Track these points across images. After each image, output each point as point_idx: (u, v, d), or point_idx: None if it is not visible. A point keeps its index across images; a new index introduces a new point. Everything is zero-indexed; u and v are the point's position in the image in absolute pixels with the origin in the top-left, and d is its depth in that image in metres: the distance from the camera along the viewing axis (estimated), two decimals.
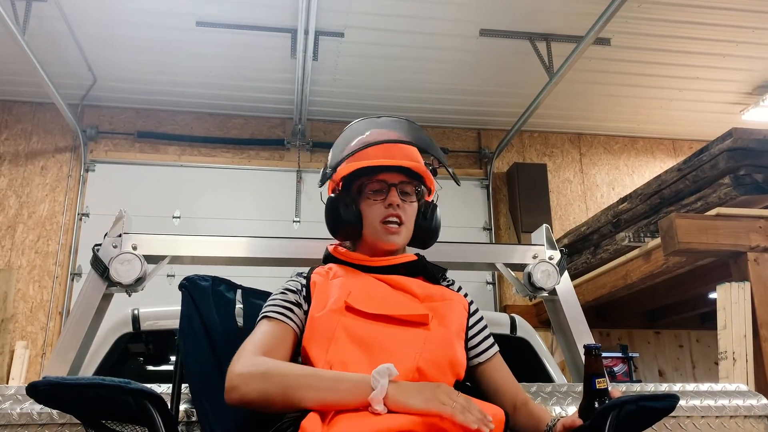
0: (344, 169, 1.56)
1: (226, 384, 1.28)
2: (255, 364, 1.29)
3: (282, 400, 1.24)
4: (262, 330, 1.40)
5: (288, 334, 1.40)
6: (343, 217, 1.54)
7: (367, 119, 1.66)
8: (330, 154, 1.63)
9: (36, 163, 5.63)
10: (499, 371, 1.53)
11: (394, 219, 1.52)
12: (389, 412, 1.15)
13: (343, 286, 1.45)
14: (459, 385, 1.41)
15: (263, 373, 1.26)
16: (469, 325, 1.53)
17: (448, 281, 1.61)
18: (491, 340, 1.56)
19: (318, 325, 1.37)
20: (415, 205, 1.58)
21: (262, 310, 1.46)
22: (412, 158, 1.57)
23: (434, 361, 1.35)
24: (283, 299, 1.46)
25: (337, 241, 1.65)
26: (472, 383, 1.52)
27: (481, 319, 1.57)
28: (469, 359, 1.50)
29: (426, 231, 1.61)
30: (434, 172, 1.65)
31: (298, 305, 1.45)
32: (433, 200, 1.67)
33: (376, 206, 1.53)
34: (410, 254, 1.58)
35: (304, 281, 1.51)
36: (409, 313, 1.41)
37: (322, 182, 1.63)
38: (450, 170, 1.63)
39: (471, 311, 1.56)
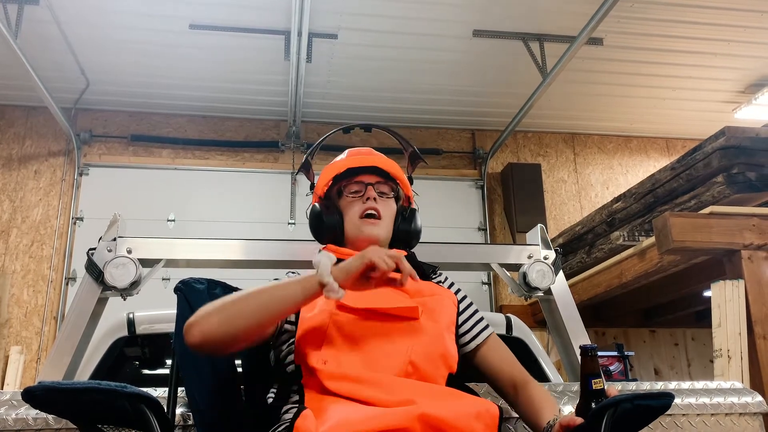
0: (323, 178, 1.63)
1: (184, 330, 1.30)
2: (210, 304, 1.32)
3: (244, 321, 1.29)
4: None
5: None
6: (325, 220, 1.59)
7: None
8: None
9: (29, 168, 5.61)
10: (495, 352, 1.53)
11: (372, 212, 1.55)
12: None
13: None
14: (453, 379, 1.41)
15: (219, 306, 1.31)
16: (459, 316, 1.54)
17: (439, 278, 1.63)
18: (484, 323, 1.56)
19: (310, 325, 1.38)
20: (393, 203, 1.62)
21: None
22: (388, 163, 1.63)
23: (426, 355, 1.36)
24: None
25: None
26: (472, 371, 1.53)
27: (470, 305, 1.59)
28: (465, 345, 1.51)
29: (406, 232, 1.63)
30: (411, 180, 1.72)
31: None
32: (411, 206, 1.70)
33: (355, 202, 1.58)
34: (399, 250, 1.58)
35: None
36: (398, 306, 1.42)
37: (296, 173, 1.75)
38: (412, 149, 1.81)
39: (460, 305, 1.56)
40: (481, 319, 1.57)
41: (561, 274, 2.10)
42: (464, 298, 1.59)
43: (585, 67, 5.36)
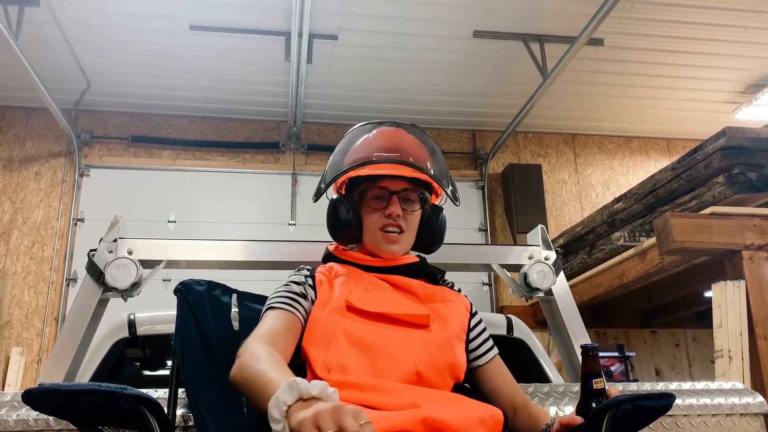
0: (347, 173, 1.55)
1: None
2: (250, 354, 1.21)
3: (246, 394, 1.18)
4: (267, 321, 1.37)
5: (293, 322, 1.38)
6: (343, 222, 1.54)
7: (369, 124, 1.64)
8: (329, 163, 1.61)
9: (30, 169, 5.61)
10: (498, 373, 1.52)
11: (394, 229, 1.51)
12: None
13: (345, 284, 1.44)
14: (458, 388, 1.40)
15: (241, 365, 1.19)
16: (470, 327, 1.52)
17: (447, 283, 1.61)
18: (491, 342, 1.55)
19: (318, 327, 1.36)
20: (418, 213, 1.56)
21: (267, 302, 1.44)
22: (418, 162, 1.54)
23: (433, 365, 1.35)
24: (288, 291, 1.45)
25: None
26: (472, 385, 1.52)
27: (480, 321, 1.57)
28: (468, 362, 1.49)
29: (430, 237, 1.59)
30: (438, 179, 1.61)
31: (303, 296, 1.44)
32: (439, 203, 1.66)
33: (376, 214, 1.52)
34: (412, 256, 1.57)
35: (308, 273, 1.51)
36: (409, 312, 1.41)
37: (317, 198, 1.63)
38: (448, 192, 1.57)
39: (472, 320, 1.54)
40: (489, 337, 1.55)
41: (562, 274, 2.10)
42: (476, 312, 1.58)
43: (585, 68, 5.36)
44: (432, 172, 1.54)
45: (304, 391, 0.93)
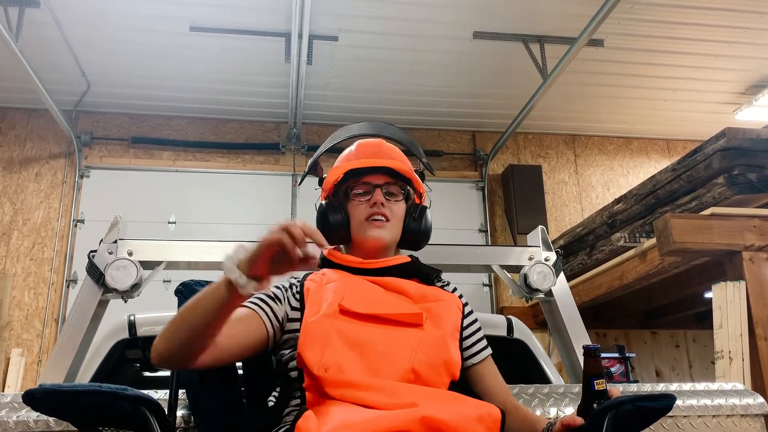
0: (332, 176, 1.60)
1: None
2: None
3: (179, 339, 1.24)
4: None
5: (249, 317, 1.39)
6: (331, 220, 1.56)
7: (348, 125, 1.78)
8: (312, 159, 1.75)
9: (30, 170, 5.61)
10: (491, 374, 1.53)
11: (379, 216, 1.53)
12: (249, 277, 1.15)
13: (337, 289, 1.45)
14: (455, 386, 1.40)
15: (165, 327, 1.26)
16: (464, 325, 1.53)
17: (443, 282, 1.61)
18: (484, 342, 1.55)
19: (312, 330, 1.36)
20: (402, 204, 1.59)
21: None
22: (398, 160, 1.60)
23: (428, 362, 1.36)
24: (264, 292, 1.46)
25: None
26: (464, 385, 1.52)
27: (475, 320, 1.57)
28: (464, 360, 1.50)
29: (415, 233, 1.61)
30: (422, 176, 1.68)
31: (277, 299, 1.44)
32: (422, 203, 1.67)
33: (362, 206, 1.55)
34: (404, 256, 1.58)
35: (296, 281, 1.52)
36: (402, 312, 1.41)
37: (300, 182, 1.82)
38: (424, 161, 1.72)
39: (465, 312, 1.56)
40: (483, 337, 1.56)
41: (562, 275, 2.10)
42: (471, 312, 1.58)
43: (585, 69, 5.36)
44: (405, 144, 1.70)
45: (250, 248, 1.15)
